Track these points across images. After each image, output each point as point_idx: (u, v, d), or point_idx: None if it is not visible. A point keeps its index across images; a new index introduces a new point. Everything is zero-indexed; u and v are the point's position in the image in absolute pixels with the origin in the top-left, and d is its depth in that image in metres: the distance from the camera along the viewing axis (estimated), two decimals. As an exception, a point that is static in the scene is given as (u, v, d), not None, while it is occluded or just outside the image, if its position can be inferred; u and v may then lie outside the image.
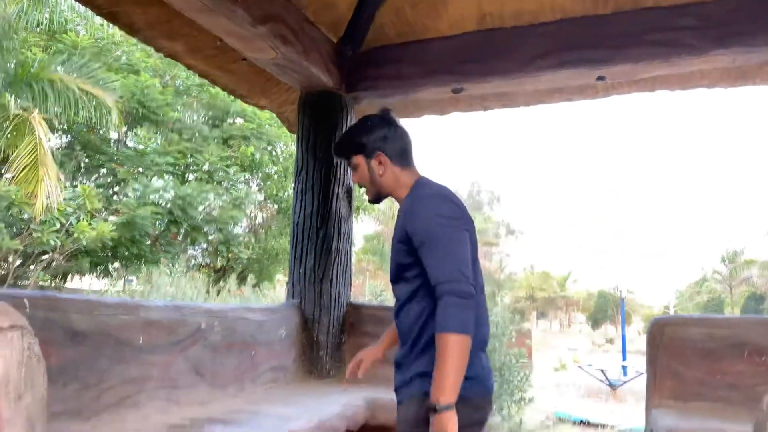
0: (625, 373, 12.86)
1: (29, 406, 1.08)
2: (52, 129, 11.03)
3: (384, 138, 1.93)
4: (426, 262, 1.69)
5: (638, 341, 28.14)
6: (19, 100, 9.62)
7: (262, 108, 4.83)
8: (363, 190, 2.03)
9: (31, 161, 8.79)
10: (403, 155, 1.94)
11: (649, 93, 4.37)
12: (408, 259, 1.77)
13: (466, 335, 1.57)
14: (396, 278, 1.83)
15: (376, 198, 1.99)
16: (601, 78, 3.83)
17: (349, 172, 4.33)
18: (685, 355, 3.30)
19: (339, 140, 2.11)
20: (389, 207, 23.62)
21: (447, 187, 1.86)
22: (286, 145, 14.95)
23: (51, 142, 10.98)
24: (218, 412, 2.84)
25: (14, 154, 8.99)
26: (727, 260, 38.27)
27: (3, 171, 10.35)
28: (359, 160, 1.94)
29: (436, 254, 1.67)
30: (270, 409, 2.95)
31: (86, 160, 12.56)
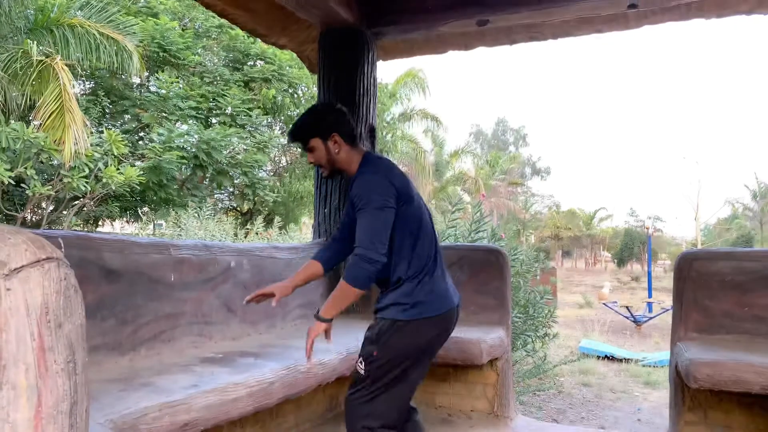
0: (650, 310, 12.89)
1: (69, 333, 1.12)
2: (75, 75, 11.06)
3: (336, 121, 2.23)
4: (357, 226, 2.09)
5: (665, 279, 28.08)
6: (40, 47, 9.63)
7: (282, 47, 4.76)
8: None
9: (57, 108, 8.86)
10: (352, 136, 2.25)
11: (682, 22, 4.18)
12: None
13: (354, 289, 2.09)
14: (349, 234, 2.26)
15: (332, 174, 2.30)
16: (632, 6, 3.67)
17: (374, 110, 4.29)
18: (712, 288, 3.29)
19: (295, 126, 2.31)
20: (413, 149, 23.46)
21: (387, 165, 2.22)
22: (308, 87, 14.81)
23: (75, 88, 11.03)
24: (250, 346, 2.93)
25: (40, 100, 9.07)
26: (759, 196, 37.50)
27: (30, 118, 10.48)
28: (316, 142, 2.23)
29: (360, 222, 2.08)
30: (300, 343, 3.03)
31: (110, 106, 12.63)
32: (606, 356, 8.10)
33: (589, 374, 6.88)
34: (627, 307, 11.94)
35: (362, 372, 2.18)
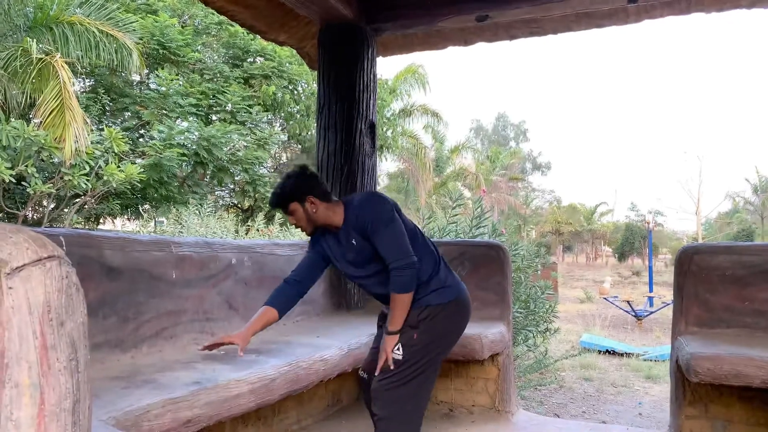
0: (651, 304, 12.89)
1: (71, 331, 1.12)
2: (75, 73, 11.05)
3: (309, 185, 2.43)
4: (379, 248, 2.31)
5: (665, 273, 28.08)
6: (40, 44, 9.62)
7: (281, 44, 4.76)
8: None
9: (57, 105, 8.86)
10: (325, 193, 2.45)
11: (682, 16, 4.17)
12: (372, 249, 2.36)
13: (407, 294, 2.30)
14: (365, 263, 2.42)
15: (313, 231, 2.48)
16: (632, 1, 3.67)
17: (374, 106, 4.29)
18: (713, 282, 3.30)
19: (274, 195, 2.47)
20: (413, 145, 23.44)
21: (370, 193, 2.58)
22: (308, 83, 14.80)
23: (75, 86, 11.03)
24: (251, 343, 2.93)
25: (40, 98, 9.07)
26: (760, 190, 37.45)
27: (30, 116, 10.48)
28: (295, 206, 2.41)
29: (384, 241, 2.30)
30: (301, 339, 3.05)
31: (110, 103, 12.63)
32: (607, 351, 8.11)
33: (590, 369, 6.89)
34: (628, 302, 11.94)
35: (399, 356, 2.30)
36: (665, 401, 5.29)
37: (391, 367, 2.29)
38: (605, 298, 13.72)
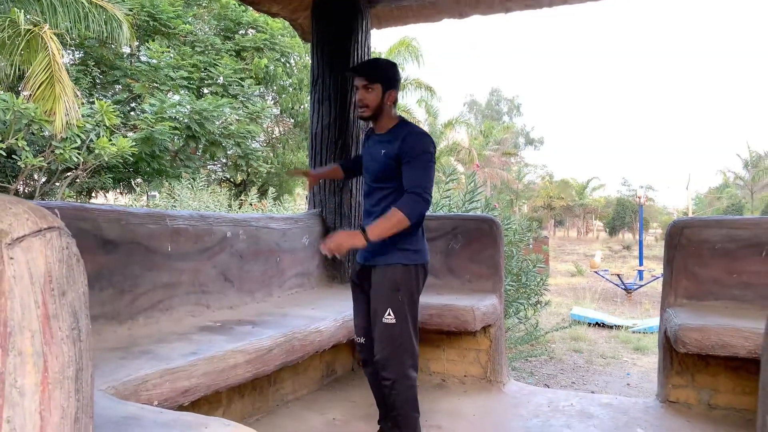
0: (641, 278, 13.03)
1: (73, 301, 1.14)
2: (64, 44, 10.89)
3: (398, 81, 2.51)
4: (406, 172, 2.36)
5: (656, 247, 28.31)
6: (28, 15, 9.46)
7: (274, 15, 4.70)
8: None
9: (47, 78, 8.75)
10: (396, 100, 2.52)
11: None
12: (395, 170, 2.41)
13: (411, 221, 2.32)
14: (381, 179, 2.47)
15: (369, 118, 2.49)
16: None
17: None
18: (703, 255, 3.34)
19: (371, 64, 2.49)
20: (407, 119, 23.26)
21: (425, 131, 2.51)
22: (300, 56, 14.64)
23: (64, 58, 10.87)
24: (247, 314, 2.97)
25: (29, 70, 8.94)
26: (750, 165, 37.63)
27: (20, 88, 10.34)
28: (378, 87, 2.41)
29: (416, 171, 2.35)
30: (297, 311, 3.08)
31: (101, 76, 12.47)
32: (596, 323, 8.22)
33: (580, 341, 6.99)
34: (618, 275, 12.06)
35: (392, 320, 2.40)
36: (653, 372, 5.39)
37: (328, 249, 2.32)
38: (596, 272, 13.85)
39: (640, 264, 14.60)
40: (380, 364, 2.43)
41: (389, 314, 2.39)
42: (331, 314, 3.02)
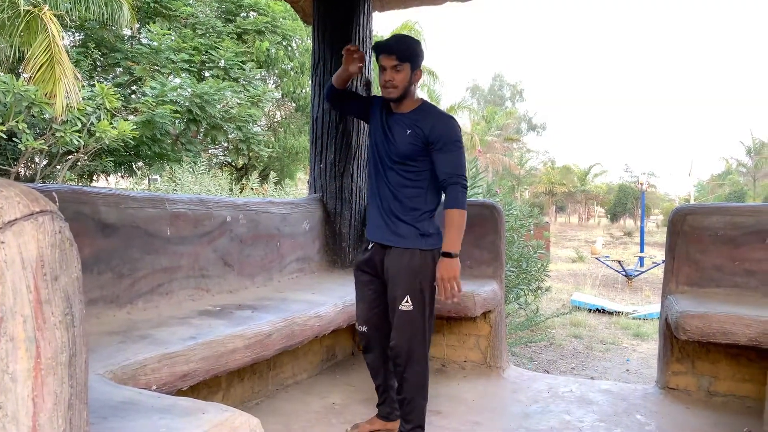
0: (641, 264, 13.02)
1: (66, 286, 1.12)
2: (64, 26, 10.81)
3: (422, 60, 2.43)
4: (442, 159, 2.35)
5: (657, 234, 28.29)
6: (27, -4, 9.37)
7: (275, -3, 4.64)
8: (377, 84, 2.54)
9: (47, 60, 8.68)
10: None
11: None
12: (420, 152, 2.38)
13: (465, 212, 2.34)
14: (405, 159, 2.40)
15: (397, 98, 2.40)
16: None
17: (369, 63, 4.22)
18: (705, 242, 3.32)
19: (404, 43, 2.39)
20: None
21: (450, 115, 2.50)
22: (302, 39, 14.53)
23: (64, 40, 10.80)
24: (247, 299, 2.97)
25: (29, 52, 8.88)
26: (753, 152, 37.47)
27: (20, 70, 10.28)
28: (407, 67, 2.36)
29: (453, 157, 2.35)
30: (297, 296, 3.07)
31: (101, 58, 12.39)
32: (597, 309, 8.22)
33: (580, 326, 7.00)
34: (619, 262, 12.06)
35: (409, 306, 2.38)
36: (652, 358, 5.40)
37: (457, 296, 2.33)
38: (597, 258, 13.85)
39: (641, 250, 14.58)
40: (395, 351, 2.43)
41: (407, 301, 2.37)
42: (331, 299, 3.01)
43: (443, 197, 2.46)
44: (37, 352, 1.02)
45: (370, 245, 2.55)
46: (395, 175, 2.43)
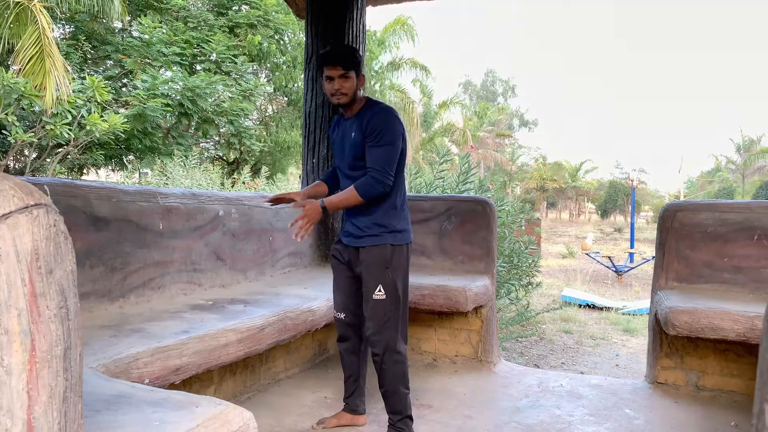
0: (631, 260, 13.11)
1: (60, 279, 1.12)
2: (54, 18, 10.71)
3: (363, 66, 2.56)
4: (368, 153, 2.41)
5: (647, 230, 28.46)
6: (17, -13, 9.27)
7: (268, -9, 4.62)
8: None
9: (37, 52, 8.61)
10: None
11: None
12: (360, 154, 2.44)
13: (363, 199, 2.38)
14: (359, 164, 2.46)
15: (347, 104, 2.48)
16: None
17: (362, 57, 4.21)
18: (694, 239, 3.35)
19: (345, 51, 2.46)
20: (401, 99, 23.18)
21: (394, 111, 2.52)
22: (294, 33, 14.48)
23: (54, 32, 10.70)
24: (240, 293, 2.97)
25: (19, 44, 8.80)
26: (743, 149, 37.73)
27: (9, 62, 10.18)
28: (353, 75, 2.43)
29: (376, 151, 2.40)
30: (289, 290, 3.08)
31: (92, 51, 12.30)
32: (587, 305, 8.28)
33: (570, 322, 7.05)
34: (609, 258, 12.13)
35: (382, 296, 2.45)
36: (642, 353, 5.44)
37: (300, 234, 2.33)
38: (587, 254, 13.92)
39: (631, 246, 14.68)
40: (371, 340, 2.48)
41: (380, 290, 2.44)
42: (323, 294, 3.01)
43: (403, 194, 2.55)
44: (32, 345, 1.02)
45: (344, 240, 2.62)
46: (353, 177, 2.49)
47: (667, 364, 3.31)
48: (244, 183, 10.24)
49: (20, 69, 8.72)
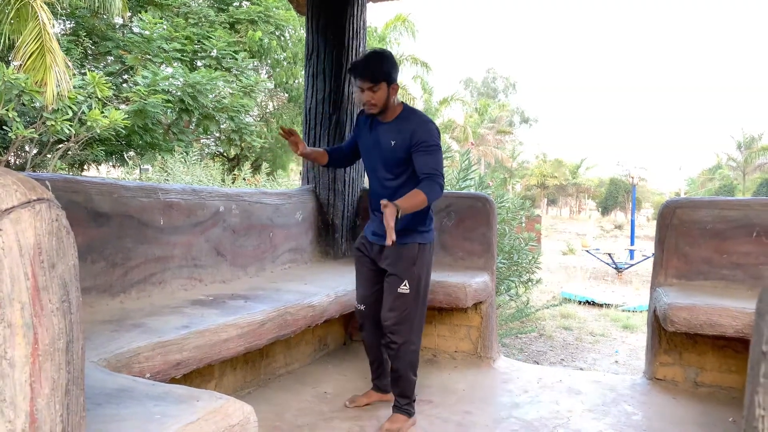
0: (631, 257, 13.12)
1: (63, 274, 1.13)
2: (55, 14, 10.70)
3: (398, 70, 2.54)
4: (420, 159, 2.47)
5: (647, 227, 28.47)
6: (17, -17, 9.26)
7: (269, -13, 4.62)
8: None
9: (37, 48, 8.60)
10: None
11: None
12: (406, 156, 2.52)
13: (429, 202, 2.43)
14: (395, 168, 2.57)
15: (378, 113, 2.54)
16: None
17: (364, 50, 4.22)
18: (694, 236, 3.36)
19: (370, 65, 2.47)
20: (401, 95, 23.18)
21: (429, 118, 2.60)
22: (295, 29, 14.46)
23: (55, 27, 10.69)
24: (240, 289, 2.98)
25: (19, 40, 8.79)
26: (743, 146, 37.70)
27: (10, 58, 10.18)
28: (383, 86, 2.47)
29: (430, 157, 2.46)
30: (289, 286, 3.09)
31: (92, 47, 12.28)
32: (587, 302, 8.29)
33: (570, 318, 7.06)
34: (609, 255, 12.14)
35: (407, 290, 2.57)
36: (641, 350, 5.46)
37: (392, 240, 2.31)
38: (587, 251, 13.93)
39: (632, 243, 14.69)
40: (390, 329, 2.59)
41: (405, 285, 2.57)
42: (323, 289, 3.03)
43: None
44: (34, 338, 1.03)
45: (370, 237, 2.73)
46: (389, 180, 2.60)
47: (666, 360, 3.33)
48: (244, 179, 10.23)
49: (21, 65, 8.71)
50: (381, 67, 2.47)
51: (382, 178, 2.62)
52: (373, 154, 2.63)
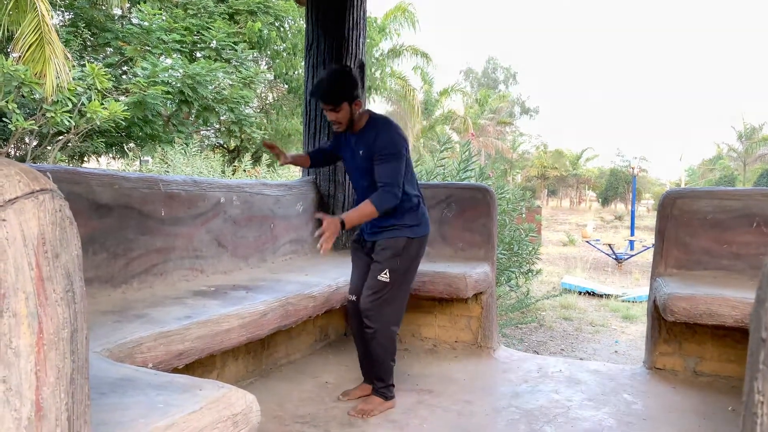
0: (631, 248, 13.14)
1: (66, 264, 1.14)
2: (54, 5, 10.67)
3: (358, 86, 2.60)
4: (376, 170, 2.56)
5: (647, 218, 28.48)
6: (15, -26, 9.21)
7: (268, -23, 4.61)
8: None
9: (36, 39, 8.57)
10: (360, 96, 2.64)
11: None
12: (370, 167, 2.60)
13: (380, 212, 2.53)
14: (366, 177, 2.64)
15: (346, 129, 2.65)
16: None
17: (362, 45, 4.21)
18: (694, 226, 3.37)
19: (327, 90, 2.54)
20: (402, 86, 23.11)
21: (396, 124, 2.69)
22: (295, 20, 14.41)
23: (54, 19, 10.66)
24: (241, 279, 2.99)
25: (18, 32, 8.76)
26: (744, 137, 37.64)
27: (9, 50, 10.15)
28: (345, 106, 2.55)
29: (383, 167, 2.54)
30: (290, 277, 3.10)
31: (91, 38, 12.24)
32: (587, 292, 8.31)
33: (570, 309, 7.08)
34: (609, 245, 12.15)
35: (386, 279, 2.65)
36: (641, 340, 5.48)
37: (324, 247, 2.43)
38: (587, 242, 13.95)
39: (632, 234, 14.71)
40: (365, 313, 2.64)
41: (386, 274, 2.63)
42: (324, 280, 3.04)
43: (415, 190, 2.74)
44: (39, 328, 1.04)
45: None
46: (367, 187, 2.67)
47: (666, 350, 3.34)
48: (245, 170, 10.22)
49: (20, 56, 8.69)
50: (340, 89, 2.55)
51: (362, 185, 2.72)
52: (351, 163, 2.75)
